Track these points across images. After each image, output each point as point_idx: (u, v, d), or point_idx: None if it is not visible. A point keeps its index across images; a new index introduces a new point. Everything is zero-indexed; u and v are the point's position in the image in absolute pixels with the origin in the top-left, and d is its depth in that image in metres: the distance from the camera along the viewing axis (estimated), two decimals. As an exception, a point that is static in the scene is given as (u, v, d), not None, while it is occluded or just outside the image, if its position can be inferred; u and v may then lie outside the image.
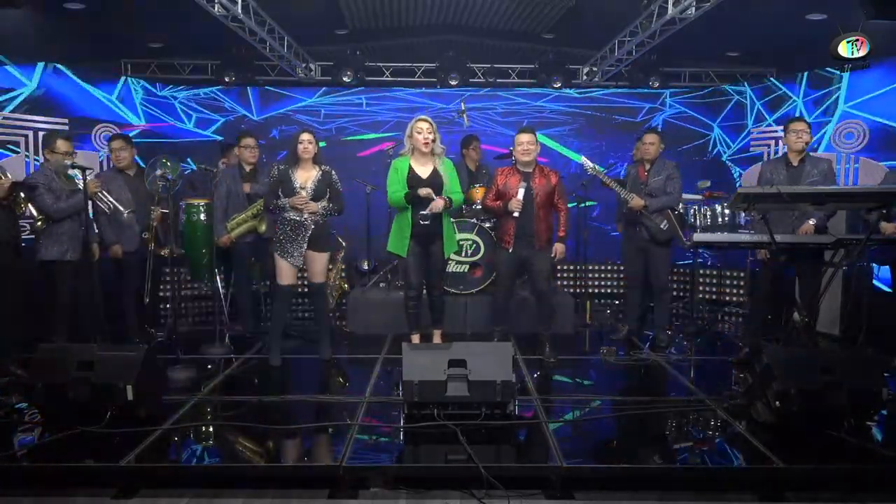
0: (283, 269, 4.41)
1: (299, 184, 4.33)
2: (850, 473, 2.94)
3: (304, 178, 4.36)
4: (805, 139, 4.44)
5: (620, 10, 6.42)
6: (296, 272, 4.49)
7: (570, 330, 5.62)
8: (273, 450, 3.22)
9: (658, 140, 5.09)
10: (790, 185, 4.23)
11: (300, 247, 4.38)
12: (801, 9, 6.14)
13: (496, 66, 8.36)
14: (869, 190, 4.35)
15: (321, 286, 4.63)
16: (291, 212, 4.35)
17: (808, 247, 4.18)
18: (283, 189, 4.34)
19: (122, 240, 4.91)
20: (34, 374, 3.45)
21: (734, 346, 5.17)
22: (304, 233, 4.37)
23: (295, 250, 4.37)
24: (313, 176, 4.38)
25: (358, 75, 8.02)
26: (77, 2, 5.93)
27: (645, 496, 2.86)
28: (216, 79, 8.06)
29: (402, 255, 4.46)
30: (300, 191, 4.30)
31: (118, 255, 4.93)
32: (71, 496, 2.86)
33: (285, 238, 4.37)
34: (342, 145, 8.08)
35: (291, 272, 4.44)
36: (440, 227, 4.47)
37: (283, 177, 4.35)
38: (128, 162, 5.03)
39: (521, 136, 4.61)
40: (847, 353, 3.73)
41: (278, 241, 4.40)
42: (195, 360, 4.64)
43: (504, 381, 3.41)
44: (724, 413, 3.59)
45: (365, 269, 6.92)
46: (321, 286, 4.63)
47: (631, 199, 4.98)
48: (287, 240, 4.37)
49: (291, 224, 4.36)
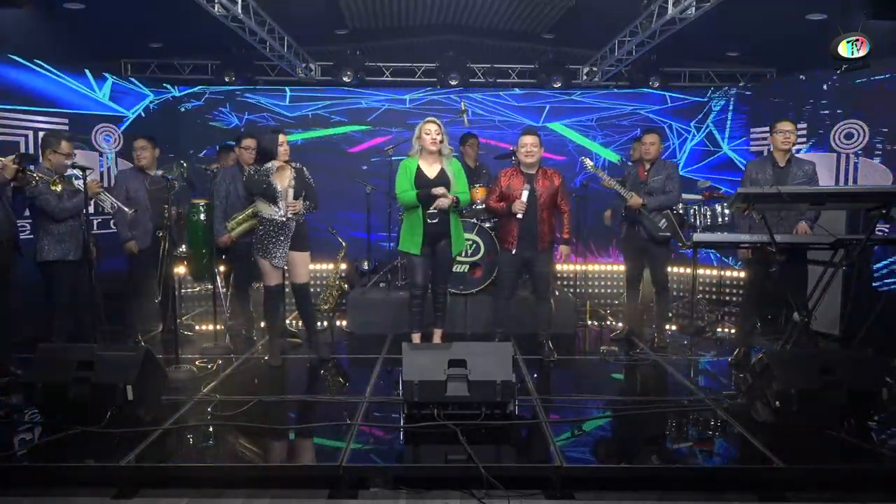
0: (269, 272, 4.38)
1: (280, 187, 4.28)
2: (850, 473, 2.94)
3: (282, 180, 4.32)
4: (792, 140, 4.46)
5: (620, 10, 6.42)
6: (282, 272, 4.46)
7: (570, 330, 5.62)
8: (273, 450, 3.22)
9: (658, 140, 5.10)
10: (777, 185, 4.24)
11: (284, 247, 4.33)
12: (801, 9, 6.14)
13: (496, 66, 8.36)
14: (869, 190, 4.36)
15: (305, 286, 4.58)
16: (273, 211, 4.28)
17: (805, 247, 4.19)
18: (265, 194, 4.25)
19: (135, 235, 4.95)
20: (34, 374, 3.45)
21: (734, 346, 5.17)
22: (287, 233, 4.33)
23: (277, 251, 4.31)
24: (289, 175, 4.35)
25: (358, 75, 8.02)
26: (77, 2, 5.93)
27: (645, 496, 2.86)
28: (216, 79, 8.06)
29: (417, 252, 4.48)
30: (285, 194, 4.27)
31: (133, 251, 4.96)
32: (71, 496, 2.86)
33: (267, 239, 4.31)
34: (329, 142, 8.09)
35: (277, 272, 4.42)
36: (448, 226, 4.50)
37: (263, 180, 4.24)
38: (149, 161, 5.08)
39: (525, 137, 4.62)
40: (847, 353, 3.72)
41: (261, 244, 4.33)
42: (195, 360, 4.64)
43: (504, 381, 3.41)
44: (724, 413, 3.59)
45: (365, 269, 6.92)
46: (305, 286, 4.58)
47: (630, 197, 4.99)
48: (269, 241, 4.30)
49: (274, 224, 4.31)
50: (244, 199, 5.17)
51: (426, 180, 4.43)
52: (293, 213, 4.29)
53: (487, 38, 7.95)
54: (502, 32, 7.76)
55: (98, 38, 6.95)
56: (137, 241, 4.95)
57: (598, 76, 8.14)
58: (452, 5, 6.86)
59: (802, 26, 6.42)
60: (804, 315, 3.90)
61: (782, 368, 3.29)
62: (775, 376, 3.26)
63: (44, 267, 4.42)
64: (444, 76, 8.04)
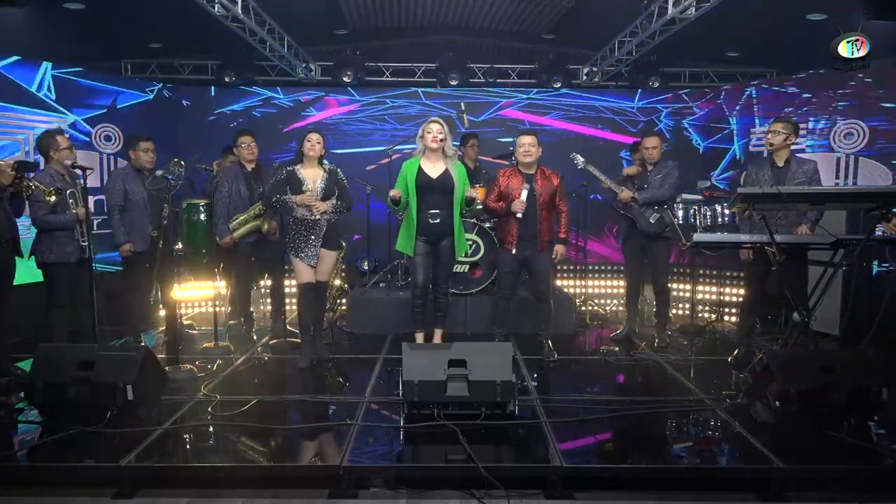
0: (302, 270, 4.43)
1: (308, 183, 4.36)
2: (850, 473, 2.94)
3: (311, 178, 4.40)
4: (775, 140, 4.36)
5: (620, 10, 6.43)
6: (313, 270, 4.49)
7: (570, 330, 5.62)
8: (273, 450, 3.21)
9: (660, 143, 5.11)
10: (776, 185, 4.23)
11: (315, 246, 4.41)
12: (801, 9, 6.14)
13: (496, 67, 8.37)
14: (869, 190, 4.36)
15: (323, 284, 4.64)
16: (305, 211, 4.36)
17: (804, 247, 4.19)
18: (292, 188, 4.37)
19: (133, 239, 4.87)
20: (34, 374, 3.45)
21: (734, 346, 5.16)
22: (319, 232, 4.41)
23: (309, 249, 4.40)
24: (321, 175, 4.42)
25: (358, 75, 8.02)
26: (77, 2, 5.93)
27: (645, 496, 2.86)
28: (216, 79, 8.06)
29: (410, 253, 4.52)
30: (309, 190, 4.33)
31: (129, 253, 4.89)
32: (71, 496, 2.86)
33: (299, 238, 4.39)
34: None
35: (309, 270, 4.46)
36: (451, 226, 4.51)
37: (290, 177, 4.37)
38: (152, 162, 5.00)
39: (523, 138, 4.63)
40: (847, 353, 3.72)
41: (293, 242, 4.41)
42: (195, 360, 4.64)
43: (504, 381, 3.41)
44: (724, 413, 3.59)
45: (365, 269, 6.92)
46: (323, 284, 4.64)
47: (620, 191, 5.01)
48: (301, 239, 4.39)
49: (305, 224, 4.39)
50: (247, 198, 5.18)
51: (428, 180, 4.44)
52: (320, 213, 4.36)
53: (487, 38, 7.95)
54: (502, 32, 7.77)
55: (98, 38, 6.95)
56: (135, 243, 4.87)
57: (598, 76, 8.15)
58: (452, 5, 6.87)
59: (802, 26, 6.42)
60: (804, 315, 3.90)
61: (782, 368, 3.29)
62: (775, 376, 3.26)
63: (44, 269, 4.41)
64: (444, 76, 8.04)
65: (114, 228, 4.86)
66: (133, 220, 4.84)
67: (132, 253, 4.86)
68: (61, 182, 4.37)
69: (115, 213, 4.82)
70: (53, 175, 4.39)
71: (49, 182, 4.28)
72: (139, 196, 4.85)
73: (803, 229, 4.40)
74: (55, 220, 4.34)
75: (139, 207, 4.84)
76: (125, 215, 4.83)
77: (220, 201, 5.12)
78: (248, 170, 5.26)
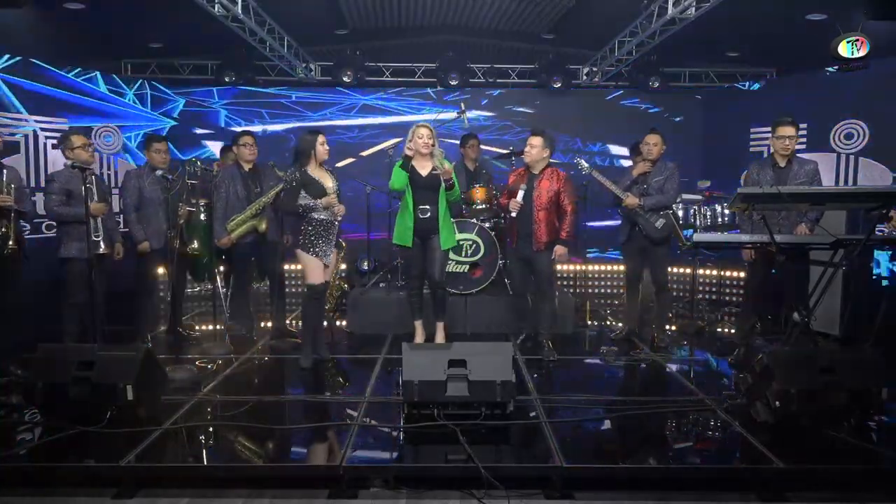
0: (316, 269, 4.43)
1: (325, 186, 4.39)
2: (850, 473, 2.94)
3: (322, 179, 4.42)
4: (790, 147, 4.45)
5: (620, 10, 6.42)
6: (326, 269, 4.51)
7: (570, 330, 5.62)
8: (273, 450, 3.22)
9: (660, 141, 5.10)
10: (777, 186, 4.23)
11: (330, 246, 4.47)
12: (801, 9, 6.13)
13: (496, 67, 8.36)
14: (869, 190, 4.36)
15: (325, 285, 4.65)
16: (322, 212, 4.38)
17: (804, 247, 4.19)
18: (310, 191, 4.36)
19: (148, 236, 4.95)
20: (34, 374, 3.45)
21: (734, 346, 5.16)
22: (334, 232, 4.48)
23: (328, 249, 4.46)
24: (329, 176, 4.47)
25: (358, 75, 8.01)
26: (77, 2, 5.93)
27: (645, 496, 2.86)
28: (216, 79, 8.06)
29: (408, 245, 4.62)
30: (330, 192, 4.37)
31: (146, 251, 4.96)
32: (71, 496, 2.87)
33: (316, 237, 4.39)
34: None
35: (322, 270, 4.47)
36: (437, 222, 4.62)
37: (305, 179, 4.36)
38: (166, 164, 5.07)
39: (530, 138, 4.75)
40: (847, 353, 3.72)
41: (310, 242, 4.39)
42: (195, 360, 4.63)
43: (504, 381, 3.41)
44: (724, 413, 3.59)
45: (365, 269, 6.92)
46: (325, 285, 4.65)
47: (626, 197, 5.00)
48: (319, 238, 4.40)
49: (323, 224, 4.40)
50: (244, 199, 5.17)
51: (418, 178, 4.59)
52: (340, 214, 4.44)
53: (487, 38, 7.94)
54: (502, 32, 7.76)
55: (98, 38, 6.95)
56: (151, 241, 4.95)
57: (598, 76, 8.14)
58: (452, 5, 6.86)
59: (802, 26, 6.42)
60: (804, 315, 3.90)
61: (782, 368, 3.28)
62: (775, 376, 3.26)
63: (63, 263, 4.51)
64: (444, 76, 8.04)
65: (131, 227, 4.98)
66: (148, 217, 4.94)
67: (149, 251, 4.95)
68: (74, 181, 4.47)
69: (130, 211, 4.95)
70: (68, 174, 4.51)
71: (65, 179, 4.48)
72: (155, 195, 4.95)
73: (802, 229, 4.40)
74: (66, 211, 4.49)
75: (154, 206, 4.94)
76: (140, 213, 4.92)
77: (219, 202, 5.12)
78: (245, 170, 5.26)
